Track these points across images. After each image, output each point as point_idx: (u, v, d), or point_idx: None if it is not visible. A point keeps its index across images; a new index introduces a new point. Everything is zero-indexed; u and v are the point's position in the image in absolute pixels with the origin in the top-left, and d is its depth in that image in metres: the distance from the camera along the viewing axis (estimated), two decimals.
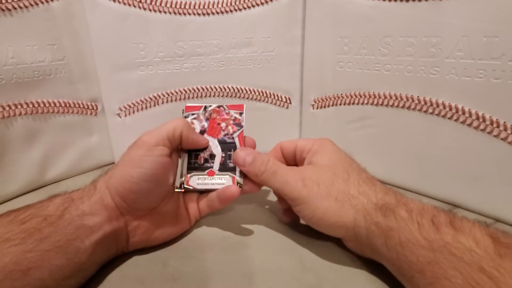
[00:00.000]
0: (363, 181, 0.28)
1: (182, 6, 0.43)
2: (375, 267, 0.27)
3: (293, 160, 0.34)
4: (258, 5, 0.44)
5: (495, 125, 0.31)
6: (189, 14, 0.43)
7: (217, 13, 0.44)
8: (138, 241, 0.29)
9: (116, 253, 0.28)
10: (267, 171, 0.30)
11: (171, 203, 0.31)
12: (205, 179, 0.32)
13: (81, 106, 0.45)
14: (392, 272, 0.25)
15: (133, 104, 0.46)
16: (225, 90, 0.47)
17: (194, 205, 0.33)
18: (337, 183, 0.28)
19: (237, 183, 0.31)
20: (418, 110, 0.36)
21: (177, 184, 0.31)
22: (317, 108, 0.46)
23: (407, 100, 0.37)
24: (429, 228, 0.22)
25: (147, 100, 0.46)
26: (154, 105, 0.46)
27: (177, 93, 0.46)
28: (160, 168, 0.28)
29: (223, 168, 0.32)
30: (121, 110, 0.46)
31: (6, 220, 0.23)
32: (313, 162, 0.31)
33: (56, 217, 0.24)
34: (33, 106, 0.40)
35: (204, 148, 0.33)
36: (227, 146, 0.33)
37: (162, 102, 0.46)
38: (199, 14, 0.43)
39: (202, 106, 0.35)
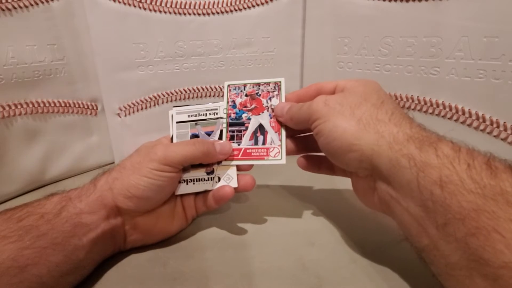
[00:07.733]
0: (399, 113, 0.24)
1: (182, 6, 0.43)
2: (376, 268, 0.27)
3: None
4: (258, 5, 0.44)
5: (495, 125, 0.31)
6: (189, 14, 0.43)
7: (217, 13, 0.44)
8: (135, 240, 0.29)
9: (113, 251, 0.28)
10: (293, 111, 0.29)
11: (168, 202, 0.31)
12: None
13: (81, 106, 0.45)
14: (405, 221, 0.22)
15: (133, 104, 0.46)
16: None
17: (191, 204, 0.33)
18: (365, 106, 0.25)
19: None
20: (418, 110, 0.36)
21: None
22: None
23: (407, 100, 0.37)
24: (482, 171, 0.19)
25: (147, 100, 0.46)
26: (154, 105, 0.46)
27: (177, 93, 0.46)
28: (167, 181, 0.28)
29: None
30: (121, 110, 0.46)
31: (2, 218, 0.24)
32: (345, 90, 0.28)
33: (53, 215, 0.24)
34: (33, 106, 0.40)
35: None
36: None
37: (162, 102, 0.46)
38: (199, 14, 0.43)
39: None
